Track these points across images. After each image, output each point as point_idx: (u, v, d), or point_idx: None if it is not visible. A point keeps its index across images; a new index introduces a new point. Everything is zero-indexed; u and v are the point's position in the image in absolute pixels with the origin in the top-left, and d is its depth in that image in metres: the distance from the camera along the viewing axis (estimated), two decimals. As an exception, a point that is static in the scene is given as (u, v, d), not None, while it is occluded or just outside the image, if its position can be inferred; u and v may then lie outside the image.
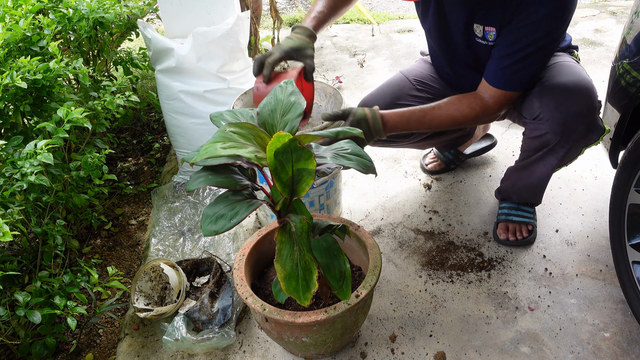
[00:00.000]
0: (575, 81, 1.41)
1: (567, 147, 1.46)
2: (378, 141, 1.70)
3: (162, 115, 2.44)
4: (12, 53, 1.65)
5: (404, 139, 1.76)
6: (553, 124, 1.42)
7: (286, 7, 4.60)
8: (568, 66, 1.49)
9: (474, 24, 1.46)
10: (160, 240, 1.83)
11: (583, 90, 1.40)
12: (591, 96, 1.40)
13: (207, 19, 1.97)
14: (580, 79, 1.42)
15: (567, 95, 1.40)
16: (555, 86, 1.42)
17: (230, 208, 1.01)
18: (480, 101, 1.48)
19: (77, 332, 1.55)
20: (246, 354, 1.43)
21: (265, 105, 1.16)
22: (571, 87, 1.40)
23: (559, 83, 1.42)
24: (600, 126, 1.45)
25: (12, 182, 1.31)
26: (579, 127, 1.42)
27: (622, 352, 1.36)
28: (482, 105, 1.47)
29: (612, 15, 3.58)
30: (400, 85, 1.74)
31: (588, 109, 1.40)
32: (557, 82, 1.43)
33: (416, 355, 1.39)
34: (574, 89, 1.40)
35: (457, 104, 1.48)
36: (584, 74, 1.46)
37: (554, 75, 1.45)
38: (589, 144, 1.48)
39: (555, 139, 1.45)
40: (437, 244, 1.75)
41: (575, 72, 1.45)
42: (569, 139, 1.44)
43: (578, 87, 1.40)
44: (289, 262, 1.03)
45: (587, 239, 1.72)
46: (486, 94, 1.48)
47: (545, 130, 1.45)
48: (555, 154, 1.49)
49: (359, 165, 1.12)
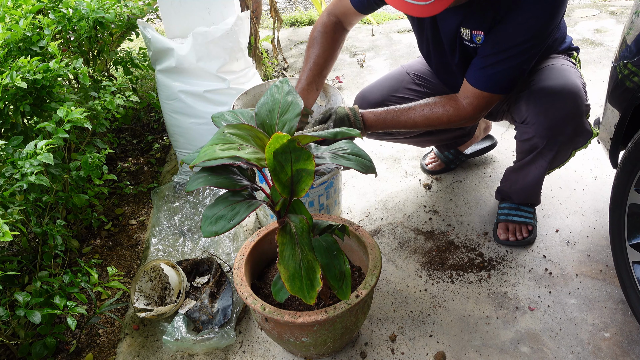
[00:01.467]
0: (562, 85, 1.41)
1: (554, 150, 1.47)
2: (373, 134, 1.72)
3: (162, 115, 2.44)
4: (12, 53, 1.65)
5: (398, 134, 1.77)
6: (539, 128, 1.43)
7: (286, 7, 4.60)
8: (558, 69, 1.48)
9: (461, 28, 1.45)
10: (160, 240, 1.83)
11: (569, 94, 1.39)
12: (577, 100, 1.40)
13: (207, 19, 1.97)
14: (568, 82, 1.41)
15: (553, 100, 1.40)
16: (542, 90, 1.42)
17: (229, 209, 1.01)
18: (454, 103, 1.46)
19: (77, 332, 1.55)
20: (246, 354, 1.43)
21: (263, 106, 1.16)
22: (557, 91, 1.40)
23: (545, 87, 1.42)
24: (588, 130, 1.45)
25: (12, 182, 1.31)
26: (565, 131, 1.42)
27: (622, 352, 1.36)
28: (455, 107, 1.45)
29: (612, 15, 3.57)
30: (399, 78, 1.75)
31: (574, 113, 1.40)
32: (543, 85, 1.43)
33: (416, 355, 1.39)
34: (560, 93, 1.40)
35: (431, 106, 1.48)
36: (573, 78, 1.44)
37: (543, 79, 1.45)
38: (577, 147, 1.49)
39: (542, 142, 1.45)
40: (437, 244, 1.75)
41: (563, 76, 1.44)
42: (556, 142, 1.45)
43: (564, 91, 1.40)
44: (291, 263, 1.03)
45: (587, 239, 1.72)
46: (464, 96, 1.45)
47: (532, 134, 1.46)
48: (544, 157, 1.50)
49: (359, 166, 1.12)
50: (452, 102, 1.46)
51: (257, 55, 2.84)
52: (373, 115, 1.48)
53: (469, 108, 1.45)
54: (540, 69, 1.51)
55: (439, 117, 1.46)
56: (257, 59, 2.85)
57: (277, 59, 3.20)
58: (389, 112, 1.49)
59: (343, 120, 1.44)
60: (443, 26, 1.49)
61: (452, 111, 1.45)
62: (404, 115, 1.48)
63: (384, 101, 1.69)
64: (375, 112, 1.49)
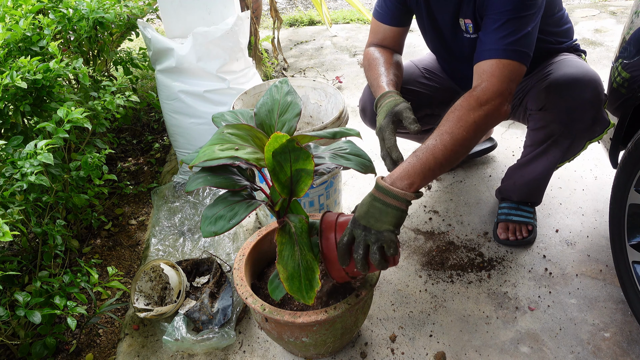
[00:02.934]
0: (582, 72, 1.42)
1: (571, 138, 1.46)
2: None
3: (162, 115, 2.44)
4: (12, 53, 1.65)
5: None
6: (559, 113, 1.42)
7: (286, 7, 4.60)
8: (575, 61, 1.50)
9: (459, 19, 1.44)
10: (160, 240, 1.83)
11: (589, 81, 1.40)
12: (597, 88, 1.41)
13: (207, 19, 1.97)
14: (587, 71, 1.43)
15: (574, 85, 1.40)
16: (562, 77, 1.43)
17: (229, 209, 1.02)
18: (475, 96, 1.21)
19: (77, 332, 1.55)
20: (246, 354, 1.43)
21: (262, 106, 1.16)
22: (578, 77, 1.41)
23: (565, 74, 1.43)
24: (606, 119, 1.45)
25: (12, 182, 1.31)
26: (584, 117, 1.42)
27: (622, 352, 1.36)
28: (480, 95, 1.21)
29: (612, 15, 3.57)
30: (409, 71, 1.74)
31: (594, 100, 1.40)
32: (563, 73, 1.43)
33: (416, 355, 1.39)
34: (580, 79, 1.41)
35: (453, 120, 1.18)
36: (590, 68, 1.46)
37: (561, 68, 1.46)
38: (593, 136, 1.48)
39: (559, 129, 1.44)
40: (437, 244, 1.75)
41: (582, 65, 1.46)
42: (574, 129, 1.44)
43: (584, 78, 1.41)
44: (290, 263, 1.03)
45: (587, 239, 1.72)
46: (482, 79, 1.25)
47: (550, 120, 1.44)
48: (560, 146, 1.49)
49: (358, 165, 1.12)
50: (472, 97, 1.21)
51: (257, 55, 2.84)
52: (400, 179, 1.12)
53: (495, 83, 1.22)
54: (556, 62, 1.52)
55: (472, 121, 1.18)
56: (257, 59, 2.85)
57: (277, 59, 3.20)
58: (420, 159, 1.14)
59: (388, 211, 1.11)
60: (440, 19, 1.50)
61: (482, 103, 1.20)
62: (435, 152, 1.14)
63: None
64: (402, 174, 1.12)
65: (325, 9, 3.59)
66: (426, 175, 1.12)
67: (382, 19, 1.57)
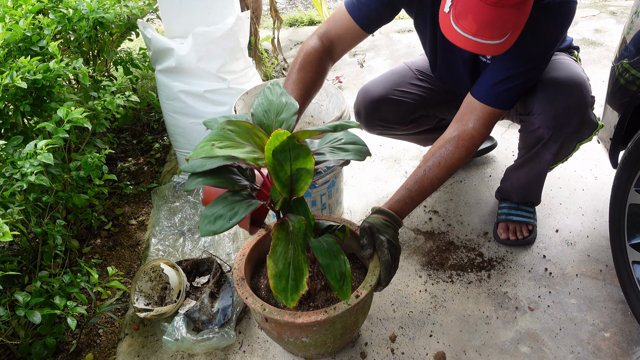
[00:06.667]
0: (568, 76, 1.42)
1: (559, 141, 1.46)
2: (377, 127, 1.76)
3: (162, 115, 2.44)
4: (12, 53, 1.65)
5: (399, 128, 1.79)
6: (545, 118, 1.43)
7: (286, 7, 4.60)
8: (562, 63, 1.50)
9: None
10: (160, 240, 1.83)
11: (575, 85, 1.41)
12: (583, 91, 1.41)
13: (207, 19, 1.97)
14: (573, 74, 1.43)
15: (560, 90, 1.41)
16: (548, 81, 1.43)
17: (229, 208, 1.01)
18: (464, 134, 1.38)
19: (77, 332, 1.55)
20: (246, 354, 1.43)
21: (259, 106, 1.15)
22: (563, 82, 1.41)
23: (551, 78, 1.43)
24: (593, 121, 1.46)
25: (12, 182, 1.31)
26: (572, 121, 1.42)
27: (622, 352, 1.36)
28: (469, 137, 1.38)
29: (612, 15, 3.57)
30: (402, 73, 1.75)
31: (580, 103, 1.41)
32: (550, 77, 1.44)
33: (416, 355, 1.39)
34: (566, 83, 1.41)
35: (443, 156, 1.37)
36: (578, 70, 1.46)
37: (548, 71, 1.46)
38: (582, 138, 1.49)
39: (547, 133, 1.45)
40: (437, 244, 1.75)
41: (568, 68, 1.46)
42: (562, 133, 1.44)
43: (570, 82, 1.41)
44: (281, 260, 1.02)
45: (587, 239, 1.72)
46: (471, 116, 1.39)
47: (538, 125, 1.45)
48: (549, 149, 1.49)
49: (357, 154, 1.13)
50: (462, 135, 1.38)
51: (257, 55, 2.84)
52: (398, 204, 1.35)
53: (481, 129, 1.39)
54: None
55: (458, 157, 1.37)
56: (257, 59, 2.85)
57: (277, 59, 3.20)
58: (408, 189, 1.36)
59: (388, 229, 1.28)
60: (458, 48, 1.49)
61: (467, 143, 1.37)
62: (424, 182, 1.36)
63: (387, 95, 1.69)
64: (398, 200, 1.35)
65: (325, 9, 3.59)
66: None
67: (354, 13, 1.42)
